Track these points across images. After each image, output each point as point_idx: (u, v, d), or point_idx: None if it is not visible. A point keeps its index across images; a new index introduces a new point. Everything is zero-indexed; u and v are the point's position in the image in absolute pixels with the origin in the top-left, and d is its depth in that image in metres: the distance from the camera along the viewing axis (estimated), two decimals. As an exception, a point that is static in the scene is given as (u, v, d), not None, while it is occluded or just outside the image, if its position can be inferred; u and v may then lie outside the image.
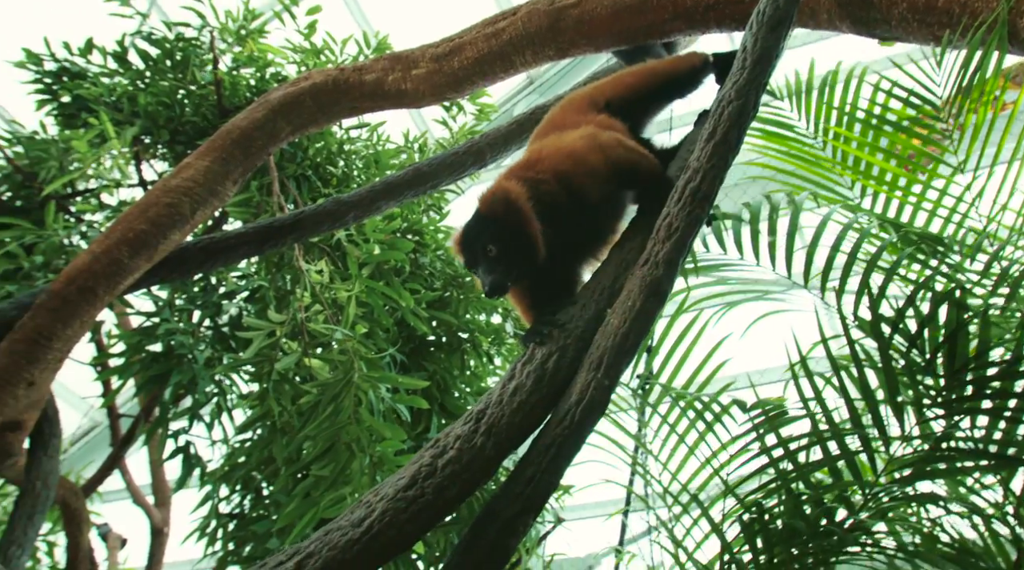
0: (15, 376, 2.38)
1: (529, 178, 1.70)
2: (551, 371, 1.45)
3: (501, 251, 1.62)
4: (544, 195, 1.67)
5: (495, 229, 1.63)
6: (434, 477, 1.34)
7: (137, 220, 2.44)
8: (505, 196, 1.65)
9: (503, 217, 1.64)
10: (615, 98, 2.00)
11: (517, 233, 1.62)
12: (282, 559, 1.35)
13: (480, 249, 1.63)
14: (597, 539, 5.68)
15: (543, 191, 1.68)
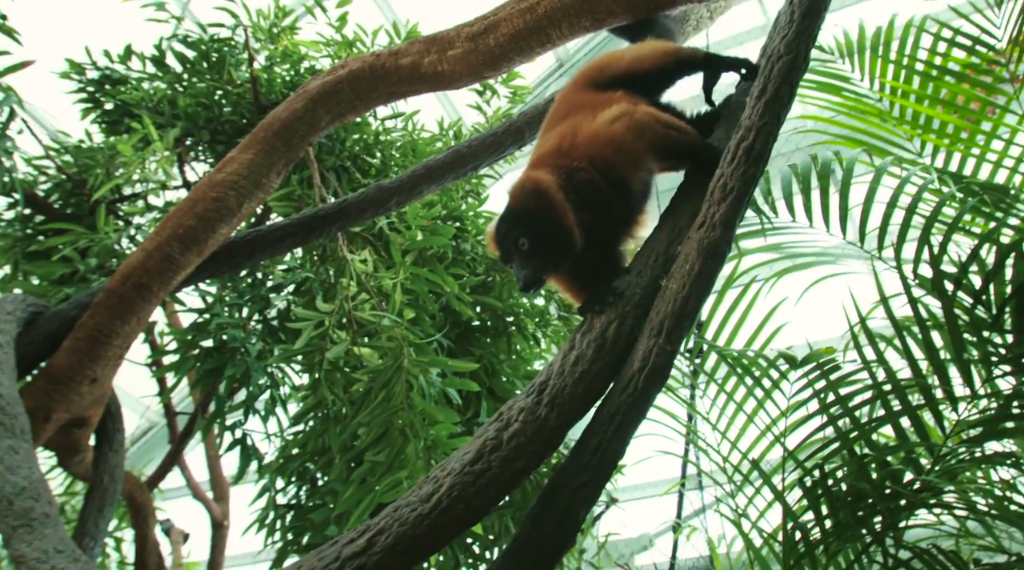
0: (79, 373, 2.44)
1: (562, 166, 1.64)
2: (611, 339, 1.43)
3: (534, 244, 1.57)
4: (581, 184, 1.62)
5: (527, 222, 1.59)
6: (500, 450, 1.34)
7: (186, 216, 2.47)
8: (535, 187, 1.60)
9: (534, 209, 1.59)
10: (629, 76, 1.88)
11: (550, 225, 1.58)
12: (354, 536, 1.36)
13: (512, 243, 1.59)
14: (650, 519, 5.66)
15: (579, 180, 1.62)
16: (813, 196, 1.98)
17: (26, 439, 1.97)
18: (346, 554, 1.34)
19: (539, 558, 1.37)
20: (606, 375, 1.42)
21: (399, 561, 1.32)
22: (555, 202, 1.57)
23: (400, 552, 1.32)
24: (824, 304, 2.28)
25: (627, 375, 1.41)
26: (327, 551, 1.37)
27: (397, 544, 1.32)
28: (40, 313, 2.52)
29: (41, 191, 3.96)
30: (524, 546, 1.37)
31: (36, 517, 1.75)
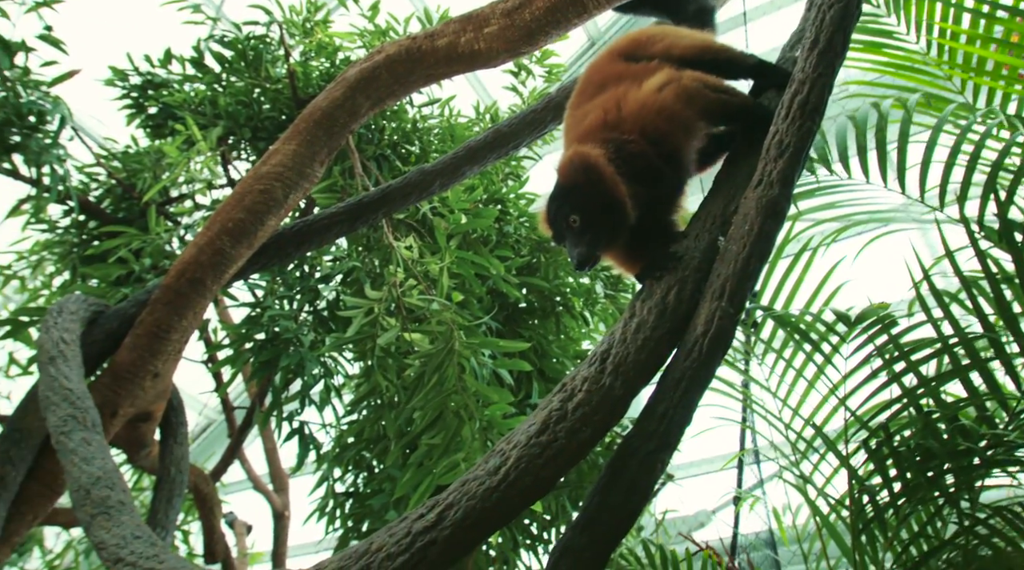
0: (141, 369, 2.50)
1: (612, 139, 1.58)
2: (672, 305, 1.41)
3: (585, 221, 1.53)
4: (632, 157, 1.56)
5: (576, 198, 1.54)
6: (565, 421, 1.33)
7: (234, 209, 2.51)
8: (584, 161, 1.55)
9: (584, 184, 1.54)
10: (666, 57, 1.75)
11: (601, 199, 1.52)
12: (423, 511, 1.36)
13: (564, 221, 1.55)
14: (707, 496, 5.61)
15: (630, 152, 1.57)
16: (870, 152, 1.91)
17: (98, 431, 2.02)
18: (416, 529, 1.34)
19: (610, 527, 1.35)
20: (669, 341, 1.40)
21: (469, 535, 1.32)
22: (605, 175, 1.53)
23: (470, 526, 1.32)
24: (883, 264, 2.22)
25: (690, 340, 1.38)
26: (397, 527, 1.38)
27: (467, 518, 1.31)
28: (101, 312, 2.59)
29: (93, 197, 4.06)
30: (594, 516, 1.36)
31: (113, 505, 1.80)
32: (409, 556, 1.33)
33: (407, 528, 1.36)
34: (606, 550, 1.36)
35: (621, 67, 1.76)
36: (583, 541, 1.36)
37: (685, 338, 1.39)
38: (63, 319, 2.35)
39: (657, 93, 1.61)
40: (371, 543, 1.39)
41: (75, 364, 2.20)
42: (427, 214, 3.34)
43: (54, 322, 2.32)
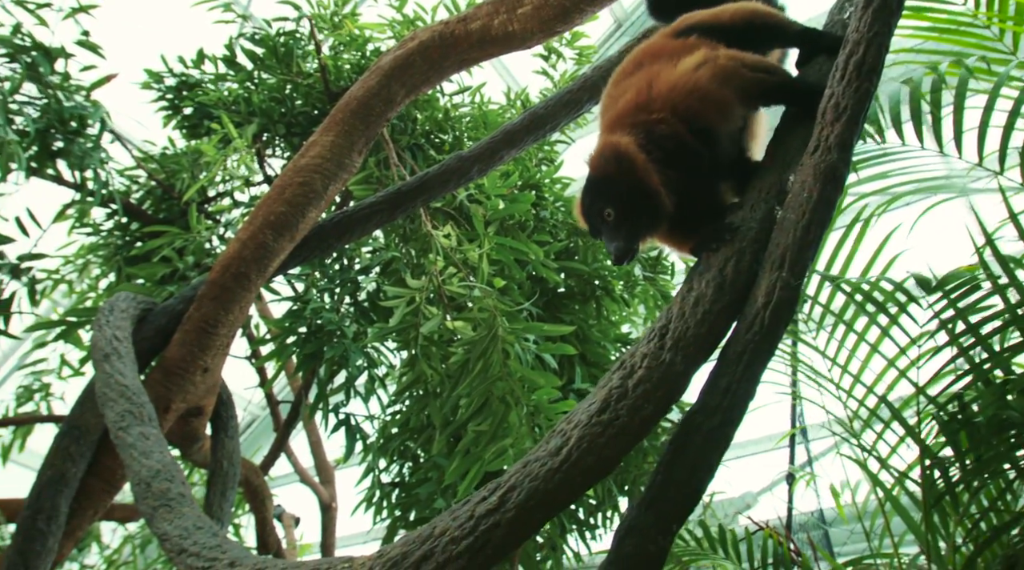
0: (191, 364, 2.54)
1: (641, 123, 1.51)
2: (731, 277, 1.37)
3: (620, 213, 1.47)
4: (664, 139, 1.49)
5: (609, 191, 1.49)
6: (626, 398, 1.30)
7: (275, 203, 2.52)
8: (614, 151, 1.49)
9: (616, 175, 1.48)
10: (708, 26, 1.68)
11: (635, 190, 1.46)
12: (485, 495, 1.35)
13: (598, 215, 1.49)
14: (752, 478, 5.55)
15: (661, 134, 1.50)
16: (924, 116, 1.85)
17: (154, 426, 2.05)
18: (480, 512, 1.33)
19: (675, 505, 1.33)
20: (728, 314, 1.36)
21: (533, 516, 1.31)
22: (637, 165, 1.46)
23: (533, 507, 1.30)
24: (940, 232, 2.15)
25: (751, 312, 1.34)
26: (460, 510, 1.36)
27: (530, 499, 1.30)
28: (149, 310, 2.63)
29: (134, 199, 4.12)
30: (659, 494, 1.34)
31: (173, 497, 1.83)
32: (473, 539, 1.32)
33: (470, 511, 1.35)
34: (672, 528, 1.34)
35: (664, 43, 1.69)
36: (648, 519, 1.34)
37: (745, 310, 1.36)
38: (114, 317, 2.38)
39: (692, 73, 1.54)
40: (434, 527, 1.38)
41: (129, 360, 2.23)
42: (464, 202, 3.32)
43: (106, 320, 2.36)
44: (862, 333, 1.82)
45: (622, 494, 4.01)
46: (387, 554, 1.41)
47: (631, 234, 1.48)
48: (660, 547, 1.34)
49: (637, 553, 1.33)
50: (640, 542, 1.33)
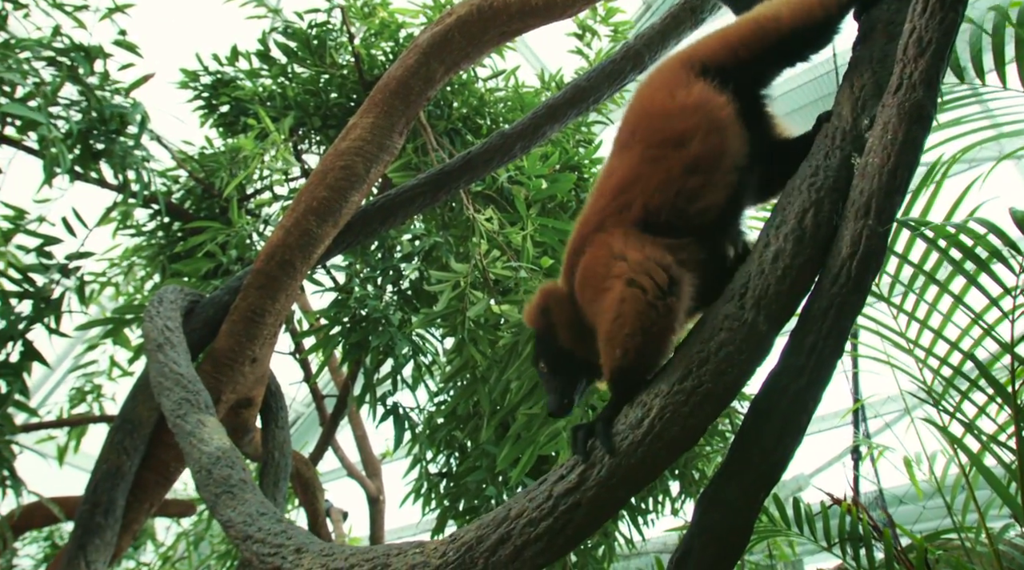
0: (239, 354, 2.51)
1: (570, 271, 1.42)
2: (810, 230, 1.29)
3: (550, 368, 1.42)
4: None
5: (540, 344, 1.45)
6: (709, 363, 1.22)
7: (318, 188, 2.48)
8: (538, 305, 1.42)
9: (542, 330, 1.43)
10: (715, 62, 1.46)
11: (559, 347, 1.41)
12: (563, 473, 1.28)
13: (536, 365, 1.46)
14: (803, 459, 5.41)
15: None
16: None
17: (211, 413, 2.02)
18: (558, 492, 1.26)
19: (761, 473, 1.25)
20: (811, 268, 1.28)
21: (615, 493, 1.24)
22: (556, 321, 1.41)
23: (616, 484, 1.23)
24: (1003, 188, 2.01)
25: (835, 264, 1.26)
26: (536, 491, 1.30)
27: (612, 476, 1.23)
28: (197, 302, 2.61)
29: (175, 200, 4.14)
30: (743, 463, 1.26)
31: (235, 483, 1.79)
32: (553, 520, 1.25)
33: (547, 491, 1.28)
34: (758, 497, 1.26)
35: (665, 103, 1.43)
36: (732, 491, 1.26)
37: (829, 263, 1.27)
38: (164, 308, 2.37)
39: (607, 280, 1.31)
40: (509, 509, 1.32)
41: (182, 350, 2.21)
42: (505, 184, 3.26)
43: (156, 311, 2.34)
44: (945, 283, 1.70)
45: (673, 478, 3.93)
46: (461, 538, 1.35)
47: (564, 388, 1.42)
48: (747, 519, 1.26)
49: (724, 525, 1.26)
50: (726, 514, 1.26)
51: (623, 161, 1.44)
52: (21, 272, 3.02)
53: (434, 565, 1.35)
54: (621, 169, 1.42)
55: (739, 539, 1.25)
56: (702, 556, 1.27)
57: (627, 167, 1.41)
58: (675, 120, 1.40)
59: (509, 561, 1.29)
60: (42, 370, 6.48)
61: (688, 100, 1.40)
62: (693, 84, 1.42)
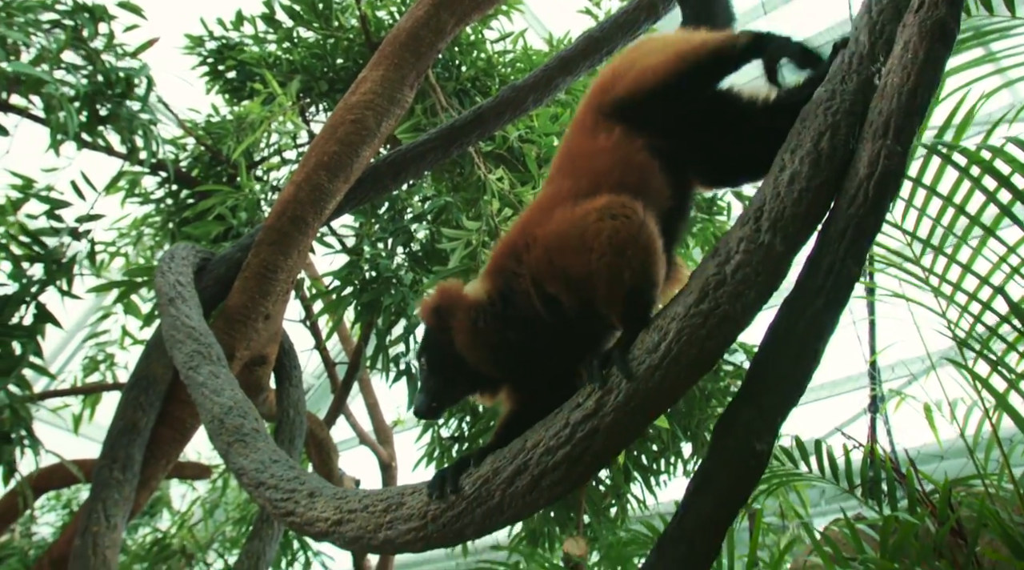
0: (252, 311, 2.52)
1: (508, 270, 1.38)
2: (827, 152, 1.27)
3: (430, 367, 1.40)
4: (519, 297, 1.36)
5: (425, 340, 1.42)
6: (725, 285, 1.21)
7: (328, 143, 2.47)
8: (433, 305, 1.39)
9: (433, 328, 1.40)
10: (628, 100, 1.43)
11: (445, 349, 1.38)
12: (579, 400, 1.26)
13: (418, 359, 1.43)
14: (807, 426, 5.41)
15: (517, 291, 1.36)
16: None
17: (223, 365, 2.03)
18: (575, 419, 1.25)
19: (779, 396, 1.25)
20: (827, 191, 1.26)
21: (634, 418, 1.23)
22: (455, 325, 1.37)
23: (634, 409, 1.22)
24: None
25: (852, 186, 1.24)
26: (553, 420, 1.29)
27: (629, 401, 1.22)
28: (208, 259, 2.62)
29: (182, 167, 4.14)
30: (760, 386, 1.26)
31: (247, 432, 1.80)
32: (571, 447, 1.24)
33: (564, 419, 1.27)
34: (776, 422, 1.26)
35: (583, 141, 1.45)
36: (750, 413, 1.26)
37: (845, 185, 1.26)
38: (176, 264, 2.38)
39: (584, 222, 1.31)
40: (525, 440, 1.31)
41: (194, 304, 2.22)
42: (515, 144, 3.24)
43: (168, 267, 2.35)
44: (976, 215, 1.67)
45: (686, 439, 3.93)
46: (477, 472, 1.35)
47: (437, 391, 1.40)
48: (766, 444, 1.26)
49: (741, 449, 1.25)
50: (743, 438, 1.25)
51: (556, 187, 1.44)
52: (31, 235, 3.03)
53: (450, 499, 1.35)
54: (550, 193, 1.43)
55: (757, 464, 1.25)
56: (719, 483, 1.26)
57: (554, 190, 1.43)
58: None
59: (527, 491, 1.28)
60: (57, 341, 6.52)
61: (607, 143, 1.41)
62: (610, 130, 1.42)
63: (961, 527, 1.81)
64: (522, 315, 1.35)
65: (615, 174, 1.37)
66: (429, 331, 1.42)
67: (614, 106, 1.43)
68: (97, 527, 2.36)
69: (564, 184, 1.41)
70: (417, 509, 1.37)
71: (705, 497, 1.26)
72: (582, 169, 1.41)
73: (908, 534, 1.65)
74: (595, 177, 1.38)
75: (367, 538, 1.42)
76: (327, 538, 1.51)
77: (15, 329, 2.88)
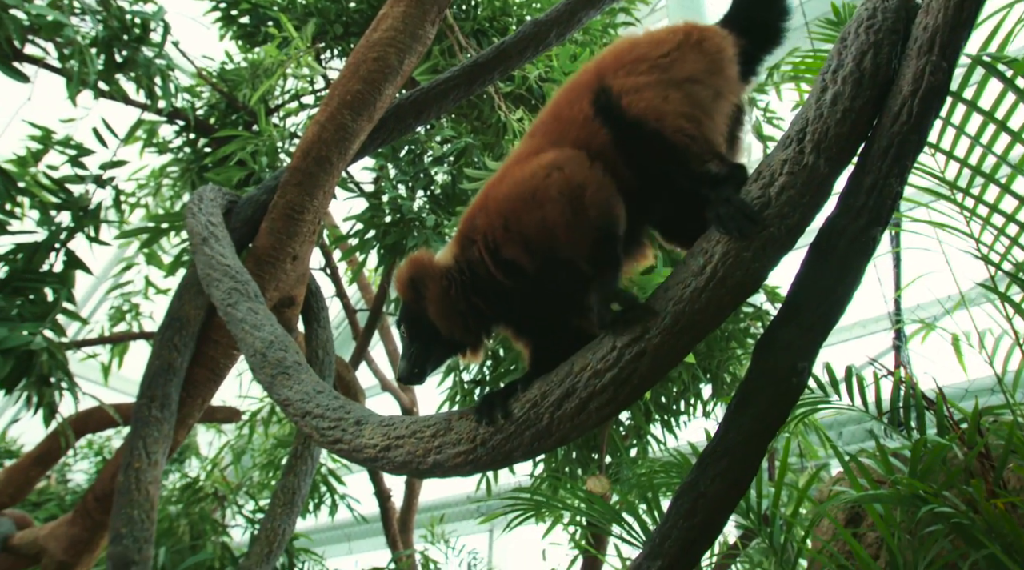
0: (281, 252, 2.54)
1: (467, 238, 1.40)
2: (869, 72, 1.26)
3: (409, 336, 1.44)
4: (475, 265, 1.38)
5: (403, 310, 1.45)
6: (770, 207, 1.22)
7: (351, 81, 2.46)
8: (404, 275, 1.42)
9: (408, 298, 1.43)
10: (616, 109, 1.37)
11: (422, 318, 1.41)
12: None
13: (399, 327, 1.47)
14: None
15: (473, 259, 1.38)
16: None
17: (261, 302, 2.06)
18: (621, 342, 1.27)
19: (820, 315, 1.27)
20: (870, 110, 1.26)
21: (680, 340, 1.25)
22: (427, 294, 1.40)
23: (680, 331, 1.24)
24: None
25: (896, 104, 1.24)
26: (599, 344, 1.31)
27: (675, 323, 1.24)
28: (234, 202, 2.63)
29: (199, 115, 4.12)
30: (802, 304, 1.28)
31: (290, 365, 1.84)
32: (618, 370, 1.27)
33: (611, 343, 1.29)
34: (817, 340, 1.28)
35: (572, 109, 1.41)
36: (791, 332, 1.28)
37: (888, 103, 1.26)
38: (205, 205, 2.39)
39: (533, 181, 1.32)
40: (572, 364, 1.33)
41: (227, 243, 2.25)
42: (535, 84, 3.21)
43: (198, 208, 2.37)
44: (1020, 132, 1.65)
45: (705, 381, 3.98)
46: (524, 396, 1.37)
47: (419, 357, 1.44)
48: (807, 362, 1.28)
49: (781, 367, 1.28)
50: (784, 356, 1.28)
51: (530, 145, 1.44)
52: (57, 183, 3.05)
53: (498, 423, 1.38)
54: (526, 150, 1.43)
55: (798, 382, 1.27)
56: (759, 401, 1.29)
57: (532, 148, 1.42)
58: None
59: (575, 414, 1.31)
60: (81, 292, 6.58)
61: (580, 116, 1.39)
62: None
63: (989, 452, 1.84)
64: (484, 282, 1.38)
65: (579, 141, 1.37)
66: (407, 303, 1.46)
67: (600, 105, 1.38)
68: (139, 463, 2.43)
69: (532, 143, 1.43)
70: (466, 433, 1.40)
71: (745, 414, 1.29)
72: (553, 132, 1.41)
73: (937, 457, 1.68)
74: (559, 139, 1.38)
75: (416, 462, 1.46)
76: (375, 463, 1.55)
77: (47, 276, 2.93)
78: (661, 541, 1.33)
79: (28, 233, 2.98)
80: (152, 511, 2.41)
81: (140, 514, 2.37)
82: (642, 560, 1.35)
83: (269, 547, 2.58)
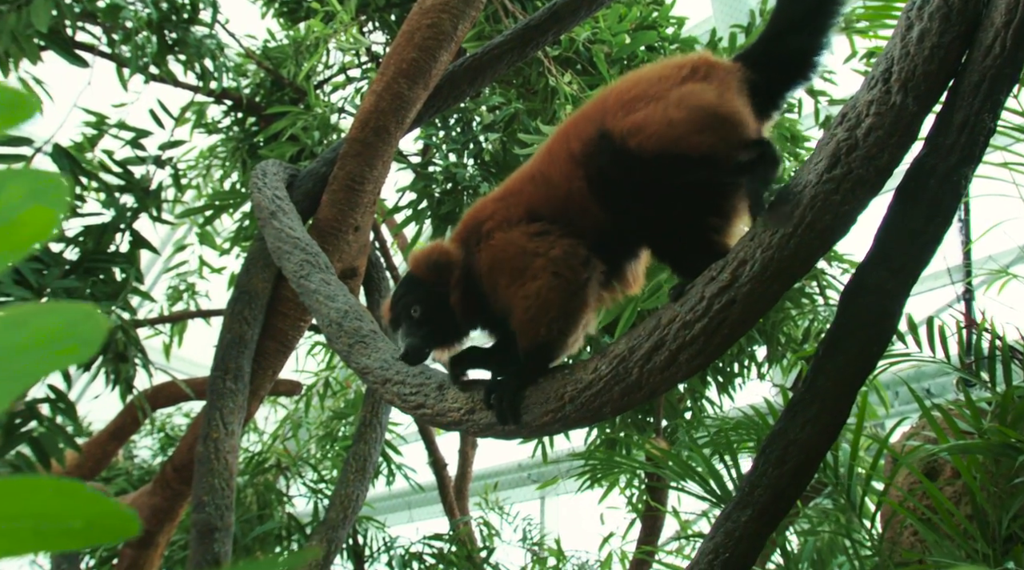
0: (343, 223, 2.59)
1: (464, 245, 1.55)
2: (958, 4, 1.23)
3: (425, 315, 1.52)
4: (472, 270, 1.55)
5: (424, 291, 1.53)
6: (858, 149, 1.20)
7: (406, 49, 2.47)
8: (439, 260, 1.53)
9: (433, 282, 1.53)
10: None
11: (445, 302, 1.52)
12: (712, 274, 1.29)
13: (405, 308, 1.54)
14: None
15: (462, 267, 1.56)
16: None
17: (332, 273, 2.10)
18: (710, 292, 1.27)
19: (912, 256, 1.25)
20: (959, 46, 1.23)
21: (771, 287, 1.24)
22: (452, 281, 1.52)
23: (770, 277, 1.23)
24: None
25: (988, 37, 1.21)
26: (687, 296, 1.31)
27: (765, 269, 1.23)
28: (295, 176, 2.68)
29: (245, 95, 4.17)
30: (890, 246, 1.26)
31: (367, 333, 1.87)
32: (708, 320, 1.27)
33: (699, 293, 1.29)
34: (908, 281, 1.27)
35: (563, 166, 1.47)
36: (881, 275, 1.27)
37: (979, 37, 1.22)
38: (269, 179, 2.44)
39: (523, 268, 1.43)
40: (659, 318, 1.33)
41: (294, 215, 2.29)
42: (582, 46, 3.18)
43: (263, 182, 2.42)
44: None
45: (759, 343, 3.95)
46: (611, 351, 1.38)
47: (428, 337, 1.52)
48: (897, 305, 1.27)
49: (871, 311, 1.27)
50: (874, 299, 1.27)
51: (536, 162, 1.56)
52: (120, 165, 3.12)
53: (587, 380, 1.39)
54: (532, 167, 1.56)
55: (889, 325, 1.27)
56: (849, 346, 1.29)
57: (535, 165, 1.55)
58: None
59: (665, 367, 1.31)
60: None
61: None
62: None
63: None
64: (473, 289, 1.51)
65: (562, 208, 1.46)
66: (426, 285, 1.54)
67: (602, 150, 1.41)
68: (217, 434, 2.51)
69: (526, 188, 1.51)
70: (553, 391, 1.42)
71: (835, 360, 1.29)
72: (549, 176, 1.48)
73: None
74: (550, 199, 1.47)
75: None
76: (459, 427, 1.58)
77: (115, 256, 3.01)
78: (751, 490, 1.34)
79: (95, 215, 3.07)
80: (231, 479, 2.49)
81: (220, 482, 2.46)
82: (732, 509, 1.37)
83: (344, 513, 2.66)
